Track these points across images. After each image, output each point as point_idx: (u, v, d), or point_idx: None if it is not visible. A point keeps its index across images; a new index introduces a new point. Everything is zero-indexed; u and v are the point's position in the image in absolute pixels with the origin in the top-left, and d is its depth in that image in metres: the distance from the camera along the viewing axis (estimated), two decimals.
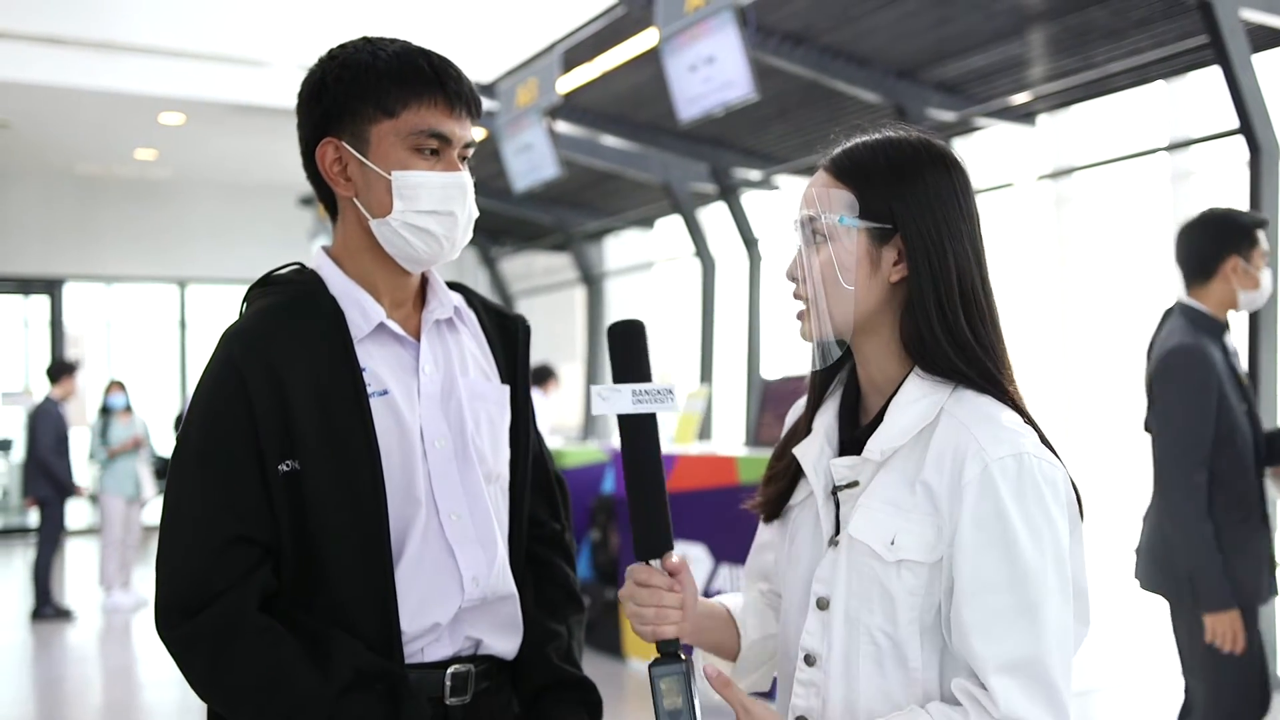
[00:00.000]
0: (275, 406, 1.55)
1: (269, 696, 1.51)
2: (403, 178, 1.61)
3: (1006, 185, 8.60)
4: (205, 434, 1.57)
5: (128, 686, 7.03)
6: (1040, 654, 1.31)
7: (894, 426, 1.42)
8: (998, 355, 1.45)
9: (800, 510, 1.54)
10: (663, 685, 1.37)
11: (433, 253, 1.65)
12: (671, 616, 1.43)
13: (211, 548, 1.53)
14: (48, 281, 14.51)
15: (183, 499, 1.57)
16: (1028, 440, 1.38)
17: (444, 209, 1.63)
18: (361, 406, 1.58)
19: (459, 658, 1.65)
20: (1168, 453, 3.35)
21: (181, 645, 1.54)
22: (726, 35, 5.67)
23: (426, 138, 1.61)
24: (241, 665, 1.51)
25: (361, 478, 1.57)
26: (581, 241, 11.88)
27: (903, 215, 1.42)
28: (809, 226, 1.45)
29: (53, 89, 10.40)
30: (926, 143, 1.48)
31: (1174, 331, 3.44)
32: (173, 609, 1.54)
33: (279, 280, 1.72)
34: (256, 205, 14.81)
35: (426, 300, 1.74)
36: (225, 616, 1.51)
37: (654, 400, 1.42)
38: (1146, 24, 6.00)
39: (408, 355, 1.69)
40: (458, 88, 1.63)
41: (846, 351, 1.51)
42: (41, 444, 8.85)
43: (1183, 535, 3.30)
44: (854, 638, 1.41)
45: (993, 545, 1.33)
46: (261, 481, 1.55)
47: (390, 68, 1.62)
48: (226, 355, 1.59)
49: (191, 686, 1.58)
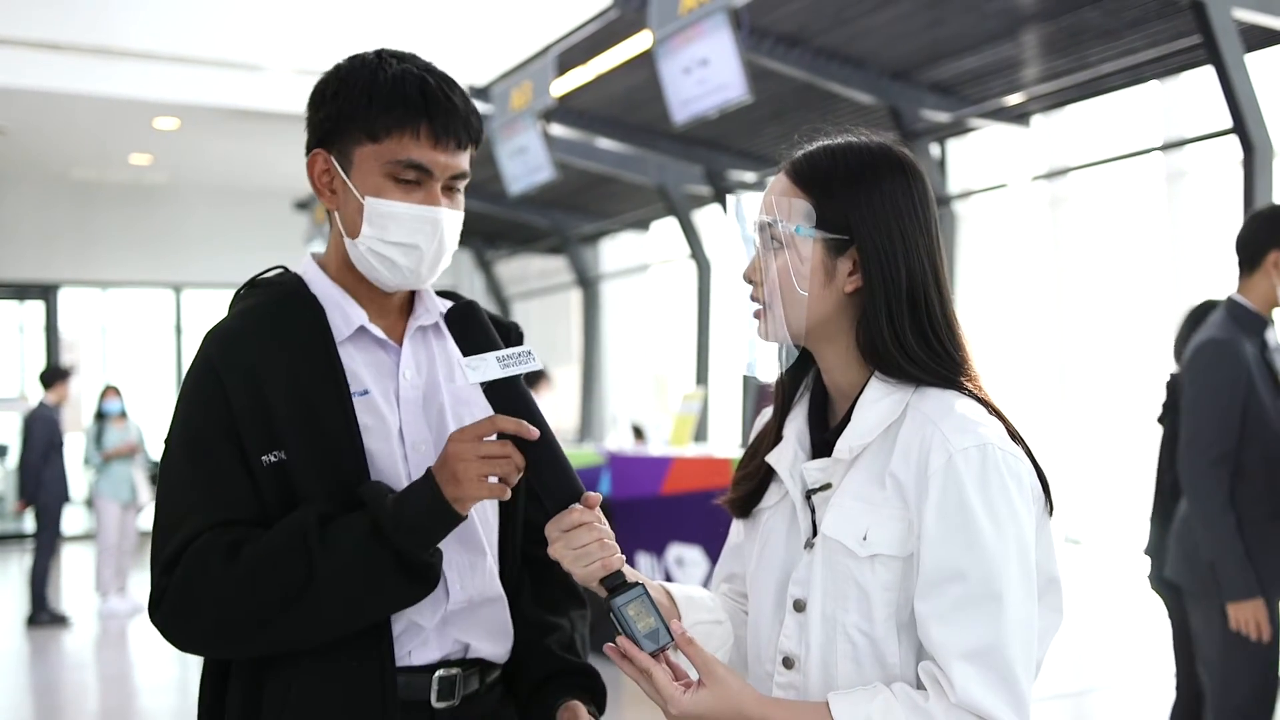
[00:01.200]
0: (253, 403, 1.56)
1: (259, 582, 1.50)
2: (374, 205, 1.60)
3: (1001, 186, 8.62)
4: (187, 430, 1.59)
5: (124, 692, 7.01)
6: (1000, 643, 1.32)
7: (861, 425, 1.43)
8: (955, 361, 1.45)
9: (772, 514, 1.55)
10: (630, 611, 1.39)
11: (399, 280, 1.65)
12: (614, 547, 1.45)
13: (198, 534, 1.53)
14: (43, 287, 14.49)
15: (170, 493, 1.58)
16: (991, 432, 1.39)
17: (409, 241, 1.61)
18: (344, 401, 1.59)
19: (447, 661, 1.64)
20: (1192, 443, 3.39)
21: (162, 616, 1.54)
22: (720, 37, 5.68)
23: (404, 168, 1.59)
24: (218, 583, 1.50)
25: (346, 469, 1.58)
26: (577, 244, 11.88)
27: (859, 227, 1.43)
28: (767, 232, 1.47)
29: (48, 94, 10.39)
30: (887, 150, 1.48)
31: (1210, 325, 3.48)
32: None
33: (263, 283, 1.73)
34: (252, 210, 14.81)
35: (413, 307, 1.74)
36: (189, 561, 1.52)
37: (518, 363, 1.50)
38: (1140, 24, 6.02)
39: (389, 359, 1.69)
40: (446, 120, 1.60)
41: (812, 357, 1.52)
42: (32, 450, 8.85)
43: (1205, 524, 3.33)
44: (831, 638, 1.42)
45: (955, 534, 1.34)
46: (246, 472, 1.55)
47: (382, 91, 1.59)
48: (205, 355, 1.61)
49: (206, 651, 1.59)
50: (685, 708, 1.35)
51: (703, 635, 1.55)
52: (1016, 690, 1.32)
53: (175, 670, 7.37)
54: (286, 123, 11.38)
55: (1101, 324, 9.90)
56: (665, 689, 1.36)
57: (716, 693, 1.36)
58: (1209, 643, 3.46)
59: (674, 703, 1.35)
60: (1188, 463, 3.40)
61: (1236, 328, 3.41)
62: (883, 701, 1.34)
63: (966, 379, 1.45)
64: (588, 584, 1.45)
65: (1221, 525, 3.29)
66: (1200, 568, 3.43)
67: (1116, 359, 9.80)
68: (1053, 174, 8.81)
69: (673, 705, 1.36)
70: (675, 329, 12.90)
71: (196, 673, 6.03)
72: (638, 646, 1.37)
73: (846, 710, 1.34)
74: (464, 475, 1.47)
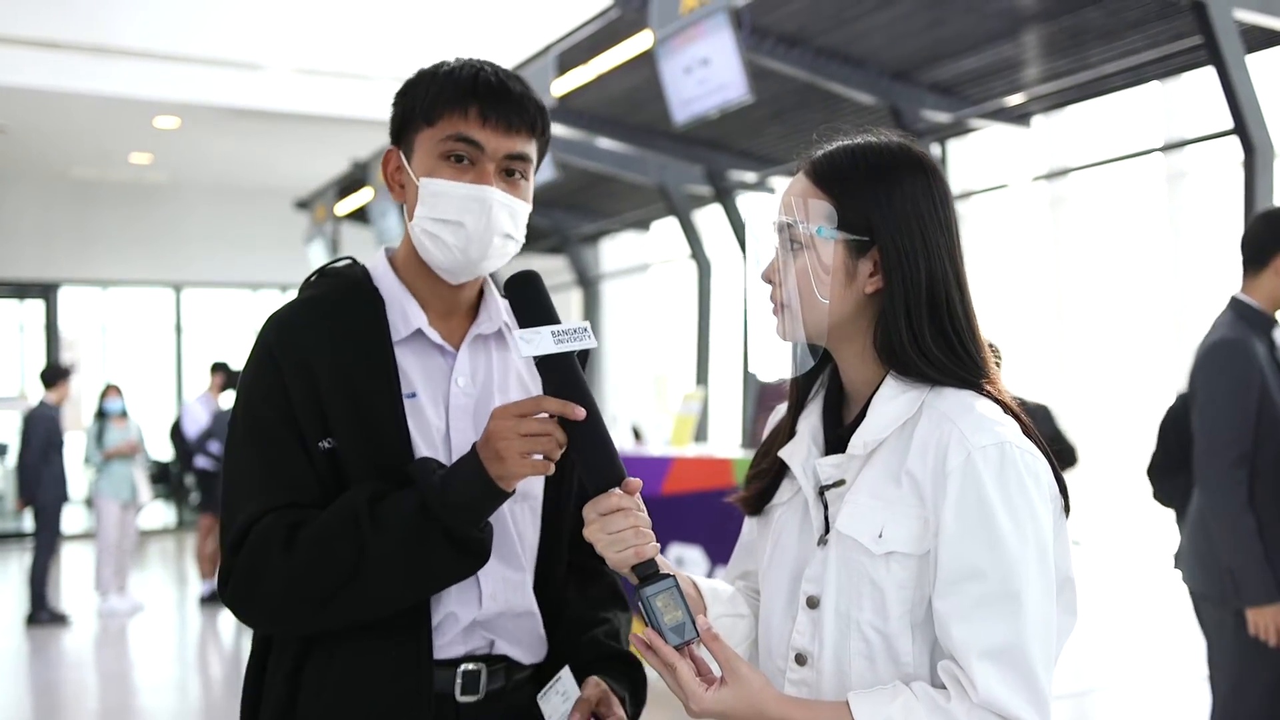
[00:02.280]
0: (308, 391, 1.59)
1: (315, 563, 1.53)
2: (426, 184, 1.62)
3: (1001, 186, 8.62)
4: (249, 414, 1.62)
5: (123, 692, 7.01)
6: (1020, 642, 1.32)
7: (876, 421, 1.43)
8: (974, 363, 1.45)
9: (785, 511, 1.55)
10: (659, 602, 1.39)
11: (453, 262, 1.65)
12: (649, 535, 1.44)
13: (260, 516, 1.57)
14: (43, 286, 14.49)
15: (237, 477, 1.61)
16: (1009, 430, 1.39)
17: (455, 219, 1.62)
18: (394, 401, 1.61)
19: (472, 656, 1.65)
20: (1209, 446, 3.31)
21: (229, 595, 1.58)
22: (721, 37, 5.67)
23: (454, 142, 1.62)
24: (278, 565, 1.54)
25: (394, 464, 1.59)
26: (577, 244, 11.88)
27: (880, 228, 1.43)
28: (786, 233, 1.46)
29: (48, 93, 10.39)
30: (907, 149, 1.48)
31: (1218, 325, 3.41)
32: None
33: (332, 273, 1.76)
34: (252, 209, 14.81)
35: (478, 313, 1.75)
36: (253, 544, 1.56)
37: (573, 338, 1.47)
38: (1141, 25, 6.01)
39: (443, 364, 1.69)
40: (496, 100, 1.62)
41: (827, 354, 1.52)
42: (32, 449, 8.85)
43: (1224, 528, 3.27)
44: (845, 635, 1.42)
45: (975, 532, 1.34)
46: (307, 455, 1.59)
47: (439, 77, 1.65)
48: (263, 341, 1.64)
49: (270, 626, 1.64)
50: (707, 705, 1.36)
51: (726, 629, 1.56)
52: (1038, 689, 1.32)
53: (174, 669, 7.37)
54: (287, 122, 11.38)
55: (1101, 325, 9.90)
56: (688, 685, 1.36)
57: (738, 692, 1.36)
58: (1220, 647, 3.42)
59: (696, 700, 1.36)
60: (1205, 466, 3.32)
61: (1246, 327, 3.35)
62: (904, 702, 1.34)
63: (986, 380, 1.45)
64: (620, 569, 1.44)
65: (1242, 528, 3.22)
66: (1212, 571, 3.37)
67: (1116, 360, 9.80)
68: (1053, 174, 8.81)
69: (694, 702, 1.36)
70: (675, 329, 12.90)
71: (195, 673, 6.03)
72: (663, 639, 1.37)
73: (868, 711, 1.34)
74: (506, 452, 1.48)
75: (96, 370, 14.55)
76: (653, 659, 1.39)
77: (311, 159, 12.50)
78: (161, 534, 14.36)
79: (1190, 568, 3.54)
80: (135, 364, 14.88)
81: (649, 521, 1.46)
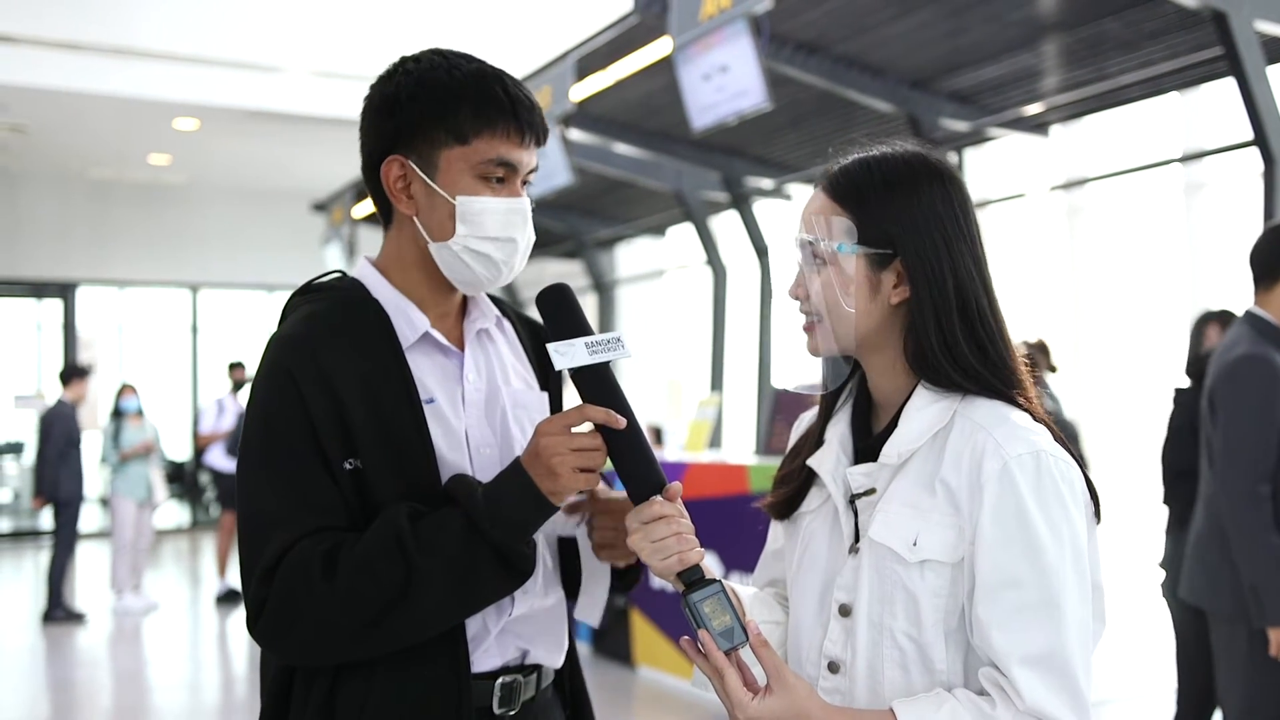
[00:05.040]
0: (330, 407, 1.54)
1: (359, 590, 1.48)
2: (467, 203, 1.60)
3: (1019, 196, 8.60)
4: (266, 437, 1.56)
5: (138, 690, 7.04)
6: (1061, 648, 1.33)
7: (909, 431, 1.43)
8: (1006, 370, 1.45)
9: (814, 519, 1.55)
10: (706, 608, 1.39)
11: (491, 277, 1.65)
12: (693, 541, 1.44)
13: (293, 543, 1.51)
14: (61, 285, 14.56)
15: (257, 502, 1.54)
16: (1043, 439, 1.39)
17: (505, 235, 1.62)
18: (415, 408, 1.59)
19: (507, 668, 1.65)
20: (1232, 464, 3.26)
21: (261, 629, 1.52)
22: (740, 44, 5.68)
23: (495, 166, 1.60)
24: (319, 595, 1.47)
25: (420, 479, 1.57)
26: (593, 249, 11.89)
27: (901, 239, 1.43)
28: (809, 250, 1.47)
29: (67, 94, 10.45)
30: (923, 158, 1.48)
31: (1239, 340, 3.36)
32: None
33: (321, 287, 1.72)
34: (269, 211, 14.87)
35: (468, 310, 1.74)
36: (287, 573, 1.49)
37: (607, 349, 1.47)
38: (1160, 35, 6.00)
39: (452, 364, 1.69)
40: (530, 117, 1.61)
41: (855, 363, 1.53)
42: (50, 448, 8.91)
43: (1247, 546, 3.22)
44: (878, 643, 1.42)
45: (1013, 541, 1.34)
46: (331, 477, 1.54)
47: (466, 92, 1.60)
48: (276, 359, 1.58)
49: (307, 660, 1.55)
50: (753, 714, 1.36)
51: (766, 635, 1.56)
52: (1079, 695, 1.33)
53: (188, 668, 7.40)
54: (305, 125, 11.42)
55: (1118, 335, 9.87)
56: (735, 693, 1.36)
57: (784, 700, 1.36)
58: (1231, 665, 3.38)
59: (742, 708, 1.36)
60: (1228, 483, 3.27)
61: (1265, 342, 3.32)
62: (950, 709, 1.35)
63: (1018, 391, 1.45)
64: (664, 577, 1.44)
65: (1265, 546, 3.18)
66: (1223, 588, 3.34)
67: (1133, 370, 9.77)
68: (1071, 184, 8.80)
69: (740, 710, 1.36)
70: (691, 334, 12.90)
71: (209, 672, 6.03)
72: (714, 643, 1.38)
73: (914, 719, 1.35)
74: (560, 468, 1.46)
75: (113, 370, 14.62)
76: (703, 664, 1.39)
77: (329, 161, 12.54)
78: (176, 533, 14.42)
79: (1197, 584, 3.50)
80: (152, 364, 14.95)
81: (692, 527, 1.46)
